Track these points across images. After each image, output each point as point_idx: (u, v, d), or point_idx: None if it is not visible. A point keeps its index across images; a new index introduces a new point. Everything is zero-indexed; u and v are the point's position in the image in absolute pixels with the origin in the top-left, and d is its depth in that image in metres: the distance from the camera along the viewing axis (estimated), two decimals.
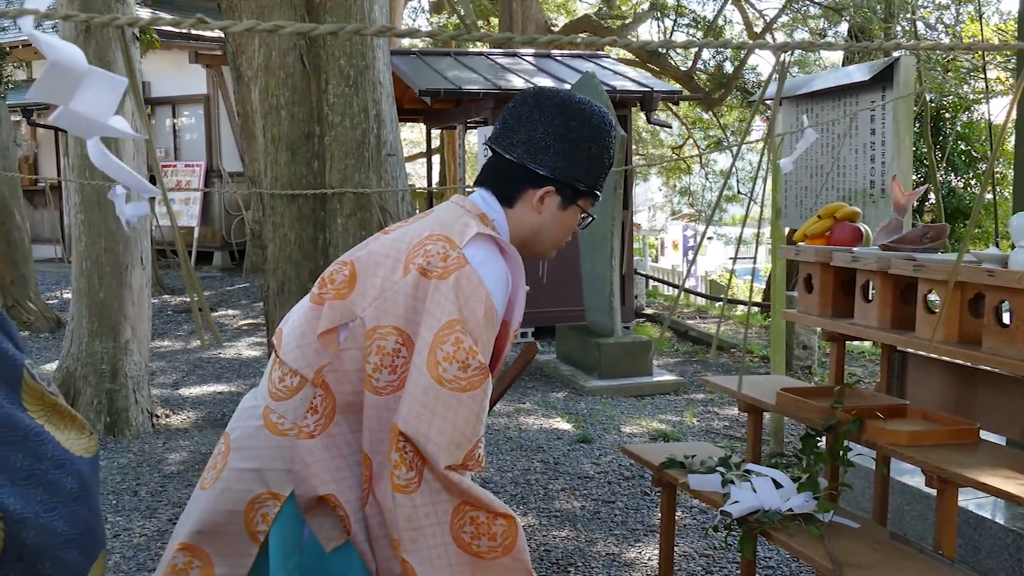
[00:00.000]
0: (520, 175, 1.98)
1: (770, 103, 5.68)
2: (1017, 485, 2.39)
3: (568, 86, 9.17)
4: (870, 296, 3.24)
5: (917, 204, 10.18)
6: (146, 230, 6.37)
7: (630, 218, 10.50)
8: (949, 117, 11.50)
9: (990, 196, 10.20)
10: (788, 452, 5.60)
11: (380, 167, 4.96)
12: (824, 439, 3.12)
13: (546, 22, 16.40)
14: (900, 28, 12.53)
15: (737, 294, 18.69)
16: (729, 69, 16.73)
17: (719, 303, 13.51)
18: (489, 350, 1.87)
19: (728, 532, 2.94)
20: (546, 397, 7.26)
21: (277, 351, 1.98)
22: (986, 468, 2.52)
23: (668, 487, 3.41)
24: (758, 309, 11.85)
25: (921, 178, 10.61)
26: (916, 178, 10.45)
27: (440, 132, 15.17)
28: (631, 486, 5.09)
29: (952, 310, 2.81)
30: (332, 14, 4.85)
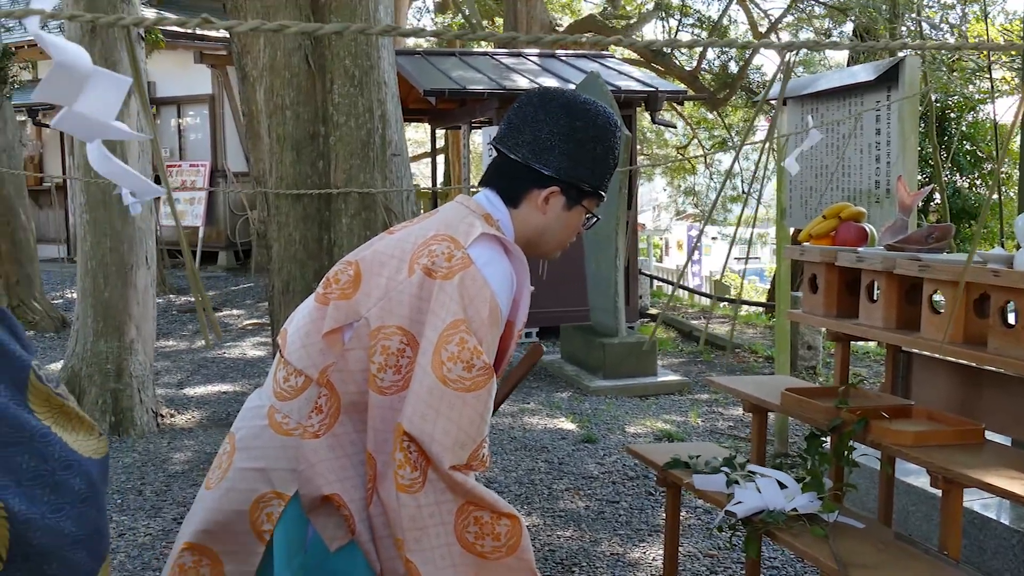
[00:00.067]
0: (525, 175, 1.98)
1: (774, 103, 5.67)
2: (1022, 486, 2.38)
3: (573, 86, 9.17)
4: (875, 296, 3.24)
5: (922, 204, 10.18)
6: (151, 229, 6.38)
7: (634, 218, 10.50)
8: (954, 117, 11.47)
9: (996, 196, 10.17)
10: (792, 452, 5.60)
11: (385, 167, 4.96)
12: (829, 439, 3.11)
13: (550, 22, 16.40)
14: (905, 28, 12.52)
15: (741, 294, 18.68)
16: (734, 69, 16.72)
17: (723, 303, 13.50)
18: (494, 350, 1.87)
19: (732, 532, 2.94)
20: (550, 397, 7.26)
21: (282, 351, 1.98)
22: (991, 468, 2.52)
23: (673, 487, 3.41)
24: (763, 309, 11.85)
25: (926, 178, 10.60)
26: (921, 178, 10.44)
27: (445, 132, 15.16)
28: (635, 486, 5.09)
29: (957, 310, 2.81)
30: (337, 14, 4.85)
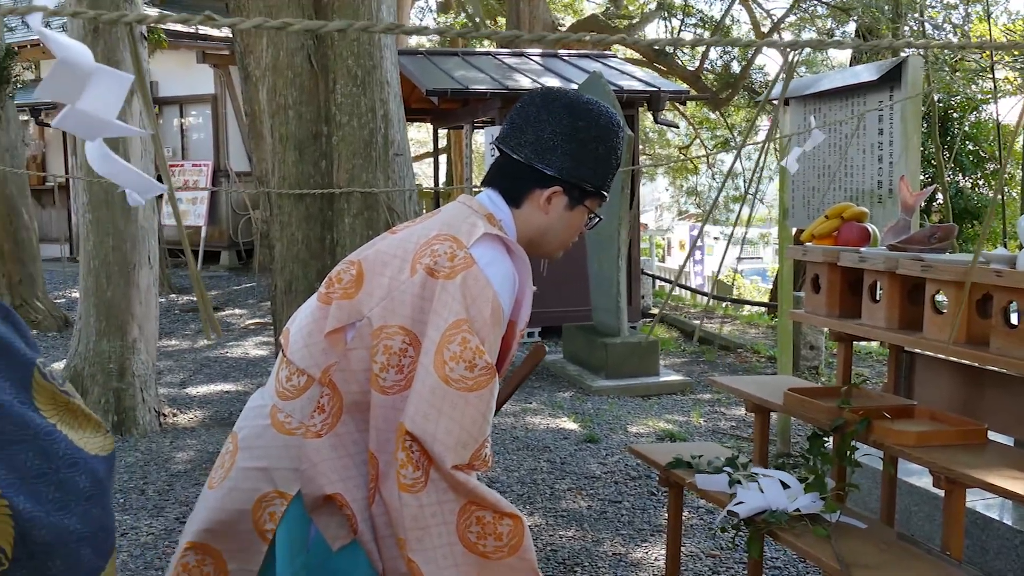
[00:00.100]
0: (527, 175, 1.98)
1: (777, 102, 5.67)
2: None
3: (575, 86, 9.17)
4: (878, 296, 3.24)
5: (925, 204, 10.17)
6: (153, 229, 6.38)
7: (637, 218, 10.50)
8: (957, 117, 11.46)
9: (999, 197, 10.16)
10: (795, 452, 5.59)
11: (387, 167, 4.96)
12: (831, 439, 3.11)
13: (553, 22, 16.40)
14: (908, 28, 12.51)
15: (744, 294, 18.68)
16: (736, 69, 16.72)
17: (725, 303, 13.50)
18: (496, 350, 1.87)
19: (735, 532, 2.94)
20: (553, 397, 7.26)
21: (284, 350, 1.99)
22: (994, 469, 2.51)
23: (675, 487, 3.41)
24: (765, 309, 11.84)
25: (929, 178, 10.59)
26: (924, 178, 10.44)
27: (447, 132, 15.17)
28: (638, 486, 5.09)
29: (960, 311, 2.80)
30: (340, 14, 4.86)
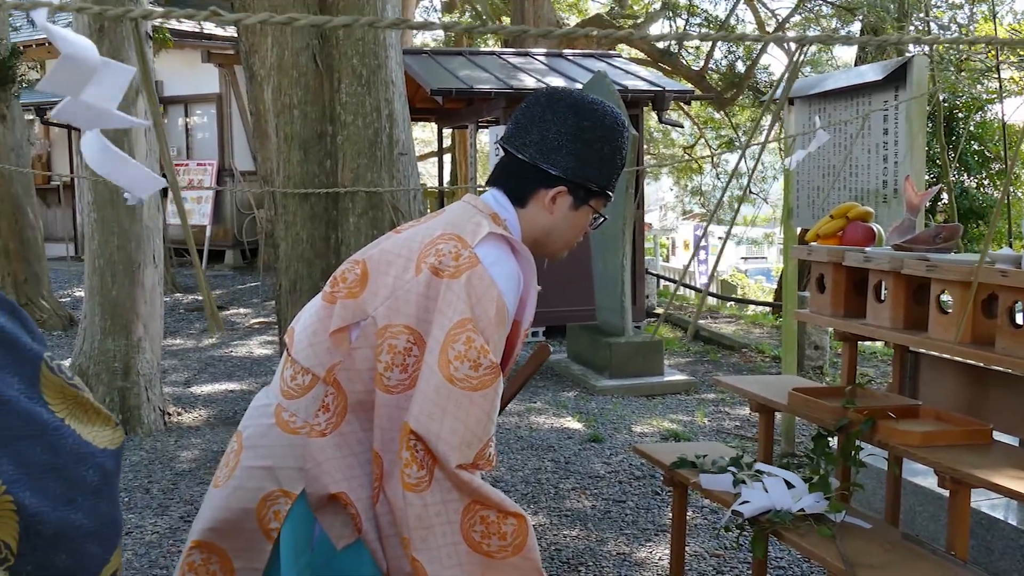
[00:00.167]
0: (532, 175, 1.98)
1: (777, 103, 5.67)
2: None
3: (580, 85, 9.17)
4: (883, 296, 3.23)
5: (930, 204, 10.14)
6: (158, 228, 6.39)
7: (641, 218, 10.50)
8: (962, 117, 11.45)
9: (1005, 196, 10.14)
10: (799, 452, 5.59)
11: (392, 166, 4.96)
12: (836, 439, 3.11)
13: (558, 21, 16.40)
14: (913, 28, 12.48)
15: (749, 293, 18.66)
16: (741, 69, 16.70)
17: (730, 303, 13.49)
18: (500, 349, 1.87)
19: (739, 532, 2.94)
20: (557, 396, 7.26)
21: (289, 349, 1.99)
22: (999, 469, 2.51)
23: (679, 487, 3.41)
24: (769, 309, 11.83)
25: (934, 178, 10.57)
26: (929, 178, 10.41)
27: (452, 131, 15.18)
28: (642, 486, 5.09)
29: (966, 311, 2.80)
30: (344, 12, 4.86)
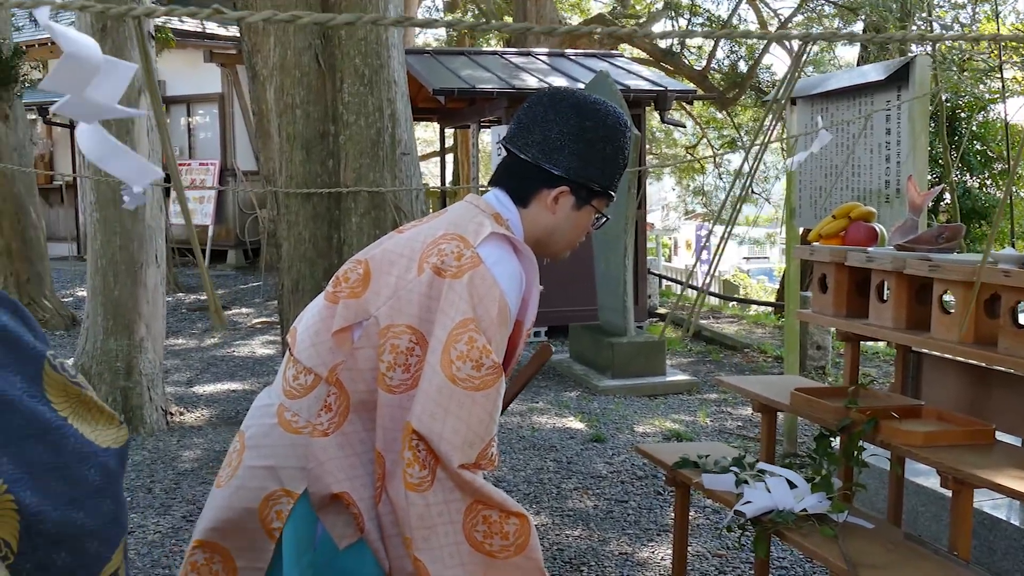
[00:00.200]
0: (535, 175, 1.98)
1: (783, 102, 5.66)
2: None
3: (582, 85, 9.17)
4: (885, 296, 3.23)
5: (932, 204, 10.13)
6: (161, 228, 6.40)
7: (644, 217, 10.50)
8: (965, 117, 11.43)
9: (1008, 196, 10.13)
10: (802, 452, 5.59)
11: (394, 166, 4.96)
12: (838, 439, 3.11)
13: (560, 21, 16.40)
14: (916, 27, 12.47)
15: (751, 294, 18.65)
16: (743, 68, 16.70)
17: (732, 303, 13.49)
18: (503, 349, 1.87)
19: (741, 532, 2.94)
20: (559, 396, 7.26)
21: (291, 349, 1.99)
22: (1001, 469, 2.51)
23: (682, 487, 3.41)
24: (772, 309, 11.82)
25: (936, 178, 10.56)
26: (931, 178, 10.41)
27: (454, 131, 15.19)
28: (644, 486, 5.09)
29: (968, 311, 2.80)
30: (347, 12, 4.86)
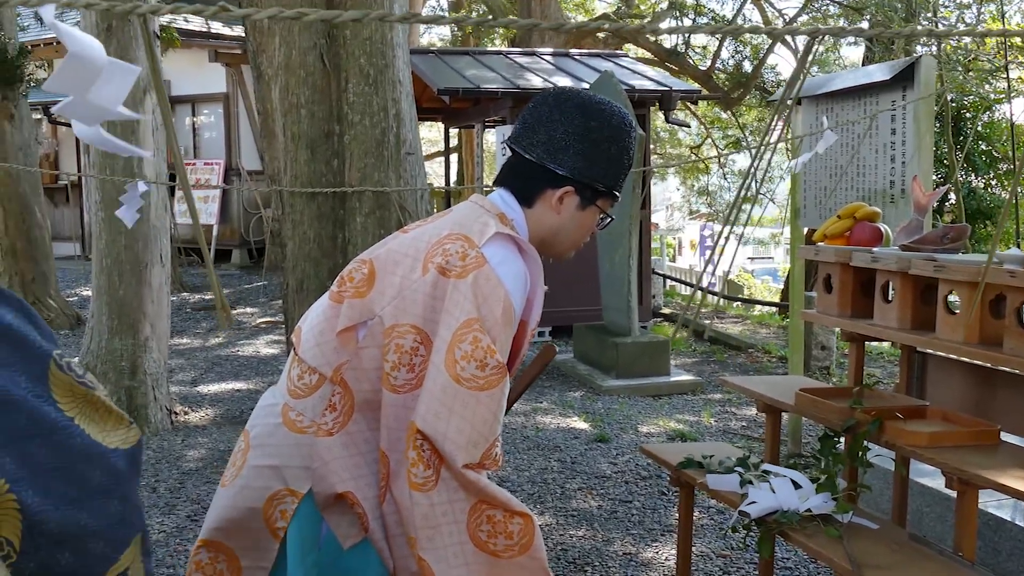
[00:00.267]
0: (539, 175, 1.98)
1: (788, 103, 5.66)
2: None
3: (587, 85, 9.17)
4: (890, 297, 3.23)
5: (937, 204, 10.13)
6: (166, 228, 6.40)
7: (648, 217, 10.49)
8: (970, 117, 11.42)
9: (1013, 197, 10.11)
10: (806, 453, 5.58)
11: (399, 166, 4.97)
12: (843, 440, 3.11)
13: (565, 21, 16.39)
14: (920, 27, 12.45)
15: (755, 293, 18.64)
16: (748, 68, 16.68)
17: (737, 303, 13.48)
18: (507, 349, 1.87)
19: (746, 532, 2.94)
20: (563, 396, 7.26)
21: (296, 349, 1.99)
22: (1007, 470, 2.50)
23: (686, 487, 3.41)
24: (776, 309, 11.82)
25: (941, 178, 10.55)
26: (936, 178, 10.40)
27: (458, 131, 15.19)
28: (648, 486, 5.09)
29: (973, 311, 2.79)
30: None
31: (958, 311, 2.89)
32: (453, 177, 15.24)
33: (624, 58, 12.06)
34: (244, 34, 6.96)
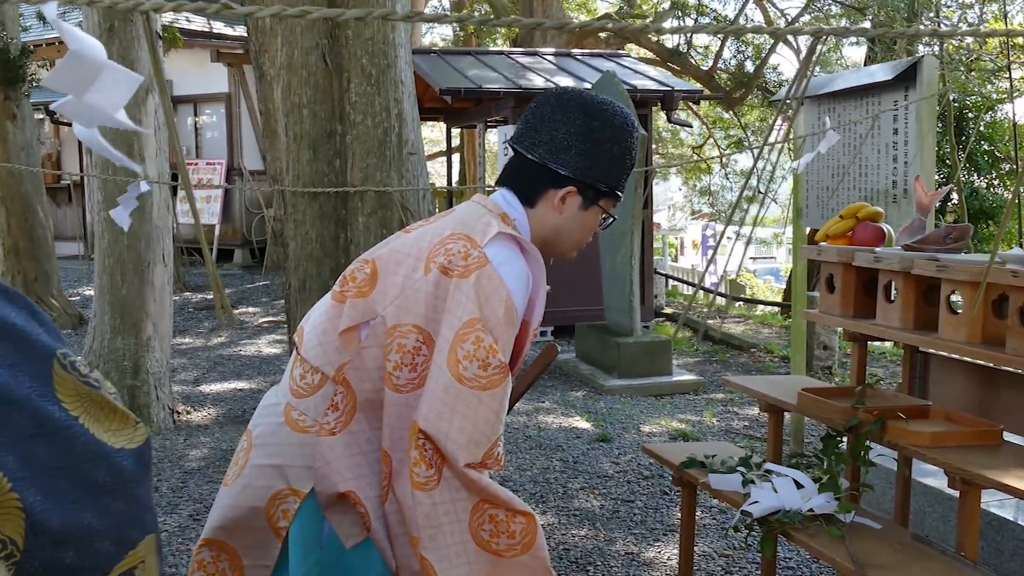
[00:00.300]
0: (542, 175, 1.98)
1: (791, 103, 5.65)
2: None
3: (589, 85, 9.17)
4: (892, 297, 3.23)
5: (940, 204, 10.11)
6: (168, 227, 6.41)
7: (650, 217, 10.49)
8: (972, 117, 11.41)
9: (1015, 197, 10.10)
10: (808, 452, 5.58)
11: (401, 166, 4.97)
12: (845, 440, 3.10)
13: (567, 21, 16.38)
14: (923, 28, 12.44)
15: (757, 293, 18.63)
16: (750, 68, 16.67)
17: (738, 302, 13.47)
18: (509, 349, 1.87)
19: (748, 532, 2.93)
20: (565, 396, 7.26)
21: (298, 348, 1.99)
22: (1009, 470, 2.50)
23: (688, 486, 3.41)
24: (778, 309, 11.81)
25: (944, 178, 10.54)
26: (939, 178, 10.39)
27: (460, 131, 15.18)
28: (650, 485, 5.09)
29: (976, 311, 2.79)
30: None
31: (961, 311, 2.89)
32: (455, 177, 15.24)
33: (626, 58, 12.05)
34: (246, 34, 6.97)
